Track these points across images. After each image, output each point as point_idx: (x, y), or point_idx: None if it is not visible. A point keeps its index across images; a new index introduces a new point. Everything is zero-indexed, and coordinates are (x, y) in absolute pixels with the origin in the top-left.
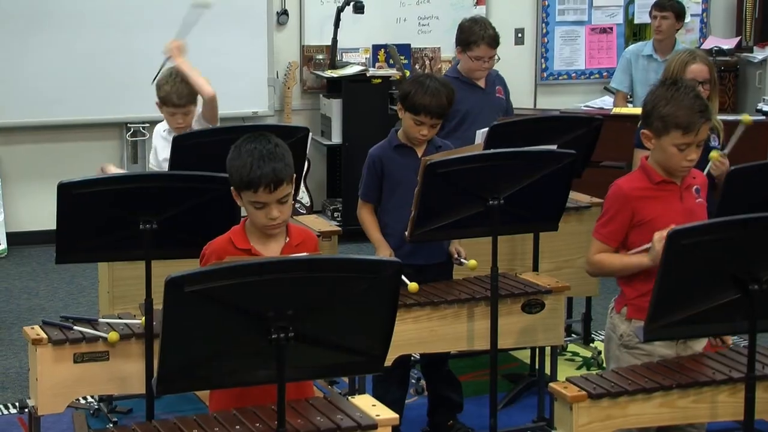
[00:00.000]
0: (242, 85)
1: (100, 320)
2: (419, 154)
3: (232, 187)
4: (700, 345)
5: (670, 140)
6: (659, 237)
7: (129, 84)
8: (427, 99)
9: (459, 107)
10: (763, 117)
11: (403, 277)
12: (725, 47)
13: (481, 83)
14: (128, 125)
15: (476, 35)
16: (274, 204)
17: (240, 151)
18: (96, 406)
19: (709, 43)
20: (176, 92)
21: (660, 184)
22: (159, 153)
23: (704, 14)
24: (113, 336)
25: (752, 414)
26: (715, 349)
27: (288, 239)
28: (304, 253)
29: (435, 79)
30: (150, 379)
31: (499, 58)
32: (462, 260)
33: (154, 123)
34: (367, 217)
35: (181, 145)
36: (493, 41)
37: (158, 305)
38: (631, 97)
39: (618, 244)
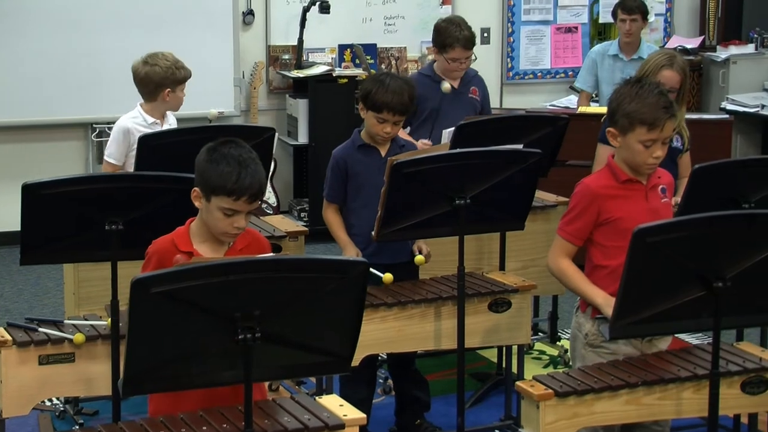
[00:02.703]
0: (208, 85)
1: (66, 322)
2: (383, 154)
3: (196, 188)
4: (664, 343)
5: (636, 137)
6: None
7: (95, 84)
8: (388, 96)
9: (426, 105)
10: (727, 116)
11: (373, 270)
12: (689, 46)
13: (455, 83)
14: (94, 126)
15: (452, 37)
16: (244, 214)
17: (221, 155)
18: (62, 408)
19: (674, 43)
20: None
21: (626, 183)
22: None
23: (668, 14)
24: (79, 337)
25: (716, 410)
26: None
27: (231, 243)
28: (270, 254)
29: (396, 77)
30: (116, 381)
31: (476, 58)
32: (417, 254)
33: None
34: (332, 217)
35: (147, 145)
36: (469, 43)
37: (124, 306)
38: (596, 96)
39: (582, 242)
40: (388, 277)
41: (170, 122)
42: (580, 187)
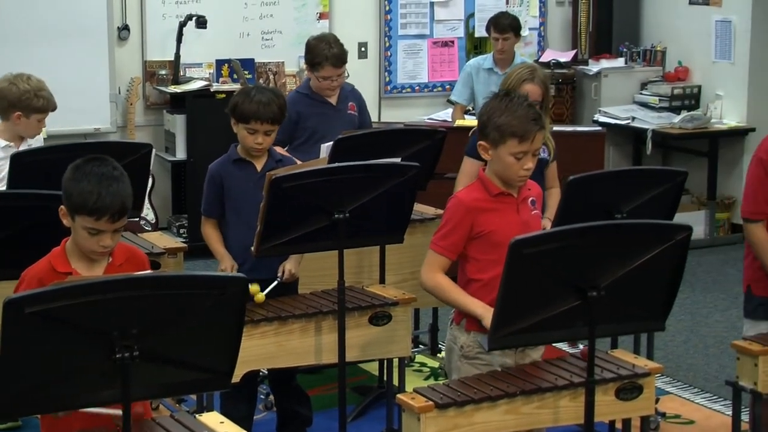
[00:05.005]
0: (83, 101)
1: None
2: (258, 168)
3: (62, 207)
4: (538, 353)
5: (507, 149)
6: None
7: None
8: (254, 106)
9: (308, 124)
10: (599, 128)
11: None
12: (562, 60)
13: (332, 100)
14: None
15: (320, 56)
16: (110, 232)
17: (84, 173)
18: None
19: (547, 56)
20: (51, 97)
21: (498, 197)
22: None
23: (542, 28)
24: None
25: (592, 417)
26: (555, 356)
27: (111, 259)
28: (148, 271)
29: (264, 89)
30: None
31: (348, 75)
32: (278, 278)
33: None
34: (209, 231)
35: (20, 162)
36: (338, 60)
37: None
38: (472, 109)
39: (456, 256)
40: (259, 295)
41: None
42: (453, 201)
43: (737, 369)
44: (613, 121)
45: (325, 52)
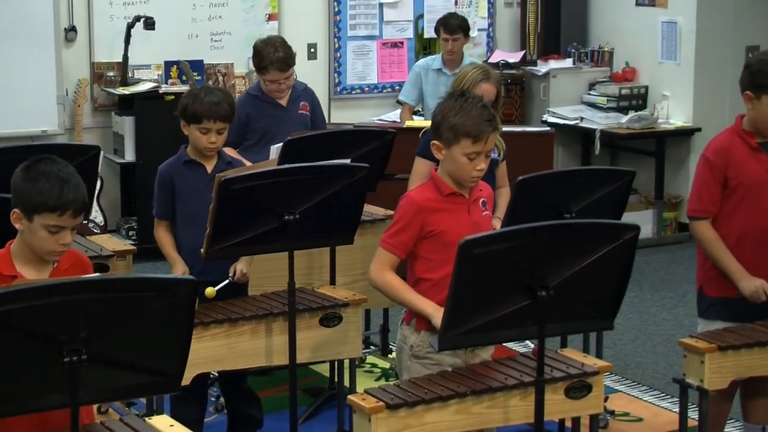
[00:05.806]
0: (30, 103)
1: None
2: (209, 170)
3: (15, 210)
4: (487, 353)
5: (461, 150)
6: None
7: None
8: (206, 105)
9: (258, 125)
10: (548, 128)
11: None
12: (511, 60)
13: (283, 101)
14: None
15: (266, 60)
16: (70, 229)
17: (39, 172)
18: None
19: (496, 57)
20: None
21: (449, 197)
22: None
23: (490, 29)
24: None
25: (542, 416)
26: (505, 355)
27: (56, 263)
28: (97, 274)
29: (211, 89)
30: None
31: (296, 77)
32: (230, 278)
33: None
34: (162, 235)
35: None
36: (283, 64)
37: None
38: (421, 109)
39: (405, 255)
40: (209, 291)
41: None
42: (405, 200)
43: (684, 366)
44: (561, 122)
45: (270, 56)
